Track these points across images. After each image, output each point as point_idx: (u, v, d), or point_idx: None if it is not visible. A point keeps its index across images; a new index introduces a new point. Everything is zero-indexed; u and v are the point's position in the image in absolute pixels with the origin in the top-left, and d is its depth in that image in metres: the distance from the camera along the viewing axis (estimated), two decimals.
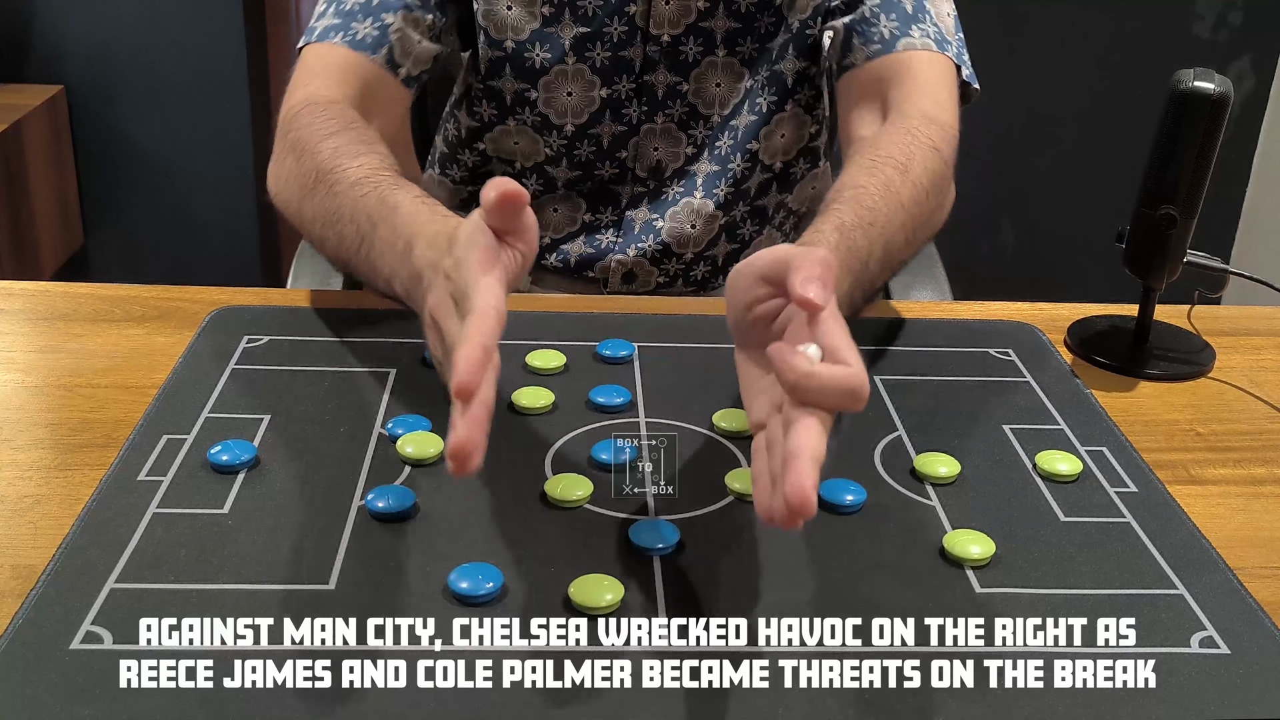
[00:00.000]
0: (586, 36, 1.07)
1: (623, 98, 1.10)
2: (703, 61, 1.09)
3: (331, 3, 1.05)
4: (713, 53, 1.09)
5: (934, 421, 0.85)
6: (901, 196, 0.88)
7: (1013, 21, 2.29)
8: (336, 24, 1.03)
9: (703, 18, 1.07)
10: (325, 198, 0.89)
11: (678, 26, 1.07)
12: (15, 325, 0.96)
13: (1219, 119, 0.89)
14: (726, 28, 1.08)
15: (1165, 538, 0.73)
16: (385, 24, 1.03)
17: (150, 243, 2.43)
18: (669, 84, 1.10)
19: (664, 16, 1.07)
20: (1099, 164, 2.39)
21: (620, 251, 1.15)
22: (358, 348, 0.92)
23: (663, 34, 1.07)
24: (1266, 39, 2.38)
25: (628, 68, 1.08)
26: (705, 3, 1.07)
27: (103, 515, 0.71)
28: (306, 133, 0.95)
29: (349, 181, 0.87)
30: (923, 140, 0.94)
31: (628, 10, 1.06)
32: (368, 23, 1.02)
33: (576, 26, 1.06)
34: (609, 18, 1.06)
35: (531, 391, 0.85)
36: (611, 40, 1.07)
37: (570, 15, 1.06)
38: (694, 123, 1.12)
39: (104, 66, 2.29)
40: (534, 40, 1.07)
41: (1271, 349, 1.01)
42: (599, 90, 1.09)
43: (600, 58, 1.07)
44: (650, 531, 0.70)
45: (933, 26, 1.05)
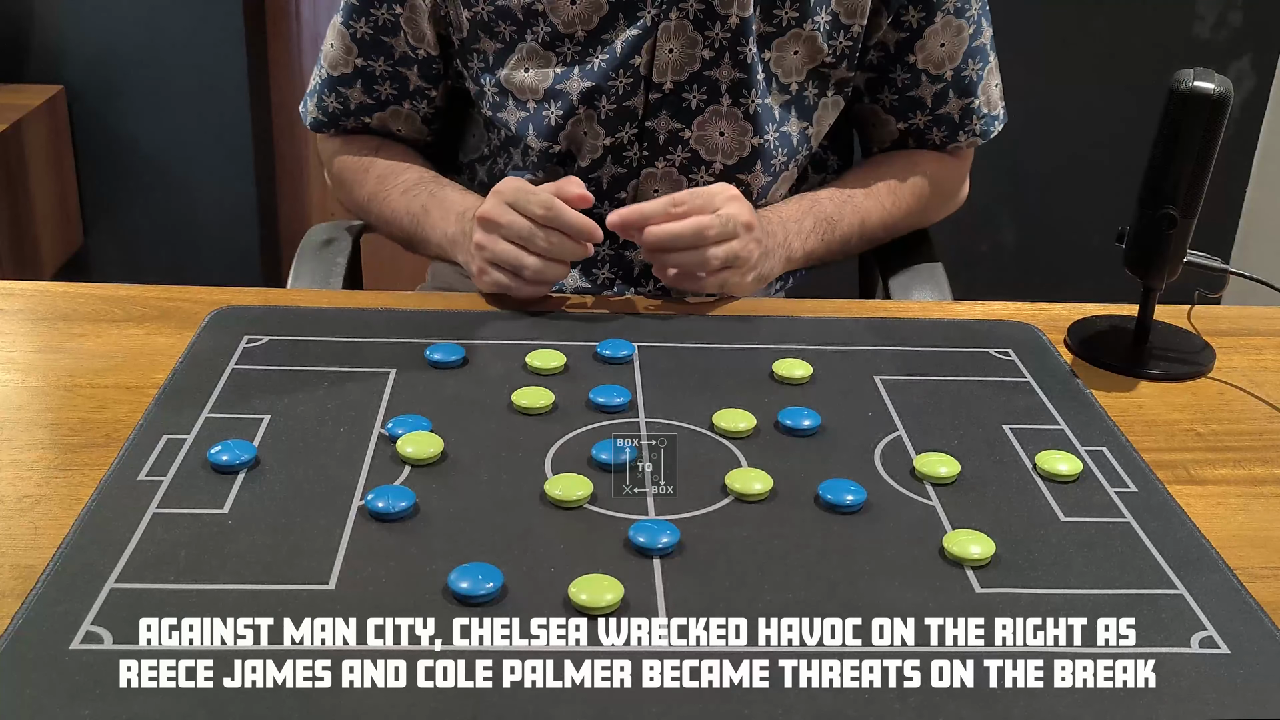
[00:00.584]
0: (594, 90, 1.08)
1: (625, 143, 1.11)
2: (706, 110, 1.10)
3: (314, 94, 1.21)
4: (717, 101, 1.10)
5: (934, 421, 0.85)
6: (881, 193, 1.17)
7: (1013, 21, 2.29)
8: (323, 120, 1.21)
9: (707, 66, 1.08)
10: (382, 206, 1.16)
11: (680, 74, 1.08)
12: (15, 325, 0.96)
13: (1219, 119, 0.89)
14: (732, 77, 1.08)
15: (1165, 538, 0.73)
16: (365, 123, 1.20)
17: (150, 243, 2.43)
18: (670, 130, 1.11)
19: (666, 64, 1.07)
20: (1099, 164, 2.38)
21: (619, 293, 1.15)
22: (358, 348, 0.92)
23: (665, 81, 1.08)
24: (1266, 39, 2.38)
25: (631, 116, 1.09)
26: (709, 51, 1.07)
27: (103, 515, 0.71)
28: (348, 167, 1.20)
29: (399, 191, 1.14)
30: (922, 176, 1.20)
31: (632, 63, 1.07)
32: (349, 120, 1.20)
33: (583, 82, 1.08)
34: (614, 71, 1.07)
35: (531, 392, 0.85)
36: (616, 93, 1.08)
37: (579, 72, 1.08)
38: (695, 169, 1.13)
39: (104, 66, 2.28)
40: (548, 99, 1.10)
41: (1271, 349, 1.01)
42: (603, 139, 1.10)
43: (605, 110, 1.09)
44: (650, 531, 0.70)
45: (980, 120, 1.19)
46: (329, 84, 1.18)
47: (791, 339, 0.96)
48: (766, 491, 0.75)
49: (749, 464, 0.79)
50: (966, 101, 1.17)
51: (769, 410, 0.84)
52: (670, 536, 0.70)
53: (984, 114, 1.19)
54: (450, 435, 0.80)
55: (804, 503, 0.75)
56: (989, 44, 1.17)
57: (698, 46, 1.07)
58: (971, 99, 1.17)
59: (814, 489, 0.75)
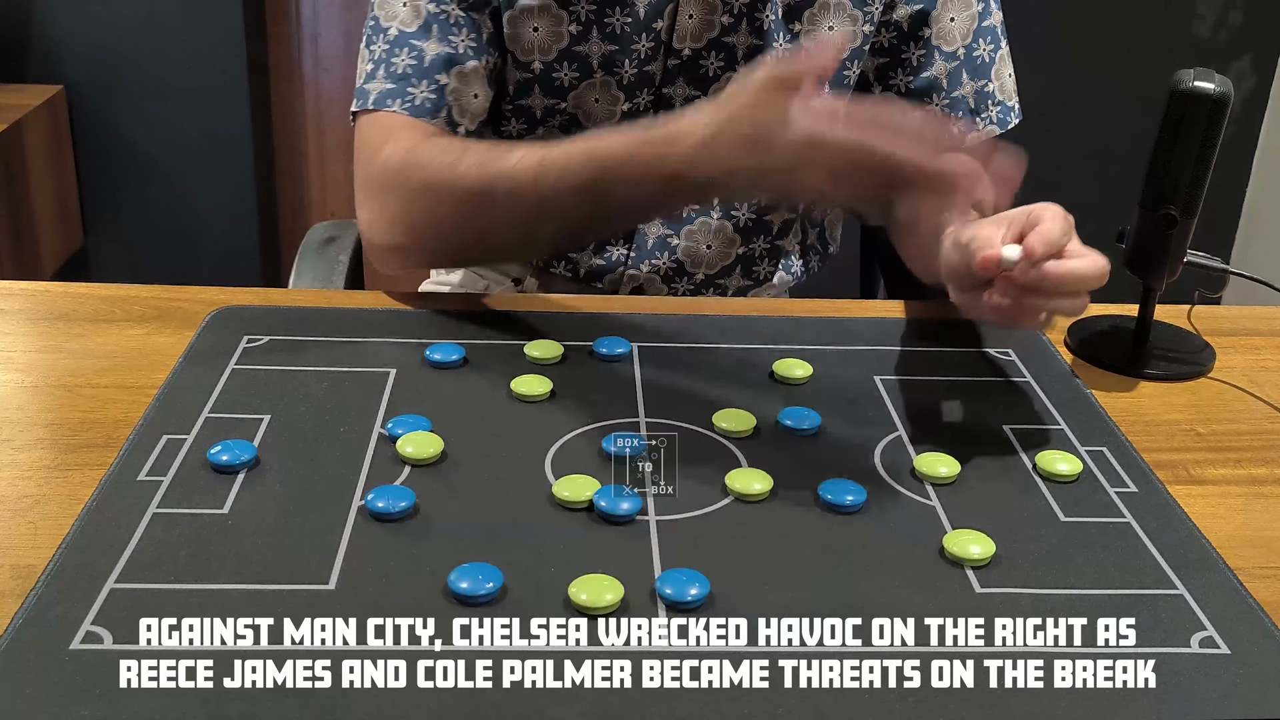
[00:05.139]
0: (615, 54, 1.06)
1: (641, 110, 1.09)
2: (723, 77, 1.08)
3: (379, 63, 1.03)
4: (733, 69, 1.08)
5: (934, 421, 0.85)
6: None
7: (1013, 21, 2.29)
8: (391, 89, 1.01)
9: (725, 33, 1.07)
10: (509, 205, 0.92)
11: (699, 40, 1.06)
12: (15, 325, 0.96)
13: (1219, 119, 0.89)
14: (748, 44, 1.07)
15: (1165, 538, 0.73)
16: (440, 85, 1.01)
17: (150, 243, 2.43)
18: (686, 97, 1.09)
19: (686, 30, 1.06)
20: (1099, 164, 2.38)
21: (633, 266, 1.14)
22: (358, 348, 0.92)
23: (684, 48, 1.06)
24: (1266, 39, 2.38)
25: (649, 81, 1.08)
26: (729, 18, 1.06)
27: (103, 515, 0.71)
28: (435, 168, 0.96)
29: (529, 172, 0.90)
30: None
31: (654, 27, 1.05)
32: (423, 85, 1.01)
33: (605, 44, 1.06)
34: (637, 35, 1.05)
35: (530, 380, 0.86)
36: (639, 57, 1.06)
37: (598, 33, 1.05)
38: None
39: (104, 66, 2.29)
40: (562, 60, 1.06)
41: (1271, 349, 1.01)
42: (621, 105, 1.08)
43: (627, 74, 1.07)
44: (679, 583, 0.66)
45: (995, 107, 1.13)
46: (398, 42, 1.02)
47: (791, 339, 0.96)
48: (766, 491, 0.75)
49: (749, 464, 0.79)
50: (981, 84, 1.14)
51: (769, 410, 0.84)
52: (700, 588, 0.66)
53: (999, 101, 1.15)
54: (450, 435, 0.80)
55: (804, 503, 0.75)
56: (1000, 28, 1.14)
57: (716, 13, 1.05)
58: (985, 81, 1.14)
59: (814, 489, 0.75)
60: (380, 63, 1.02)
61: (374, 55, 1.03)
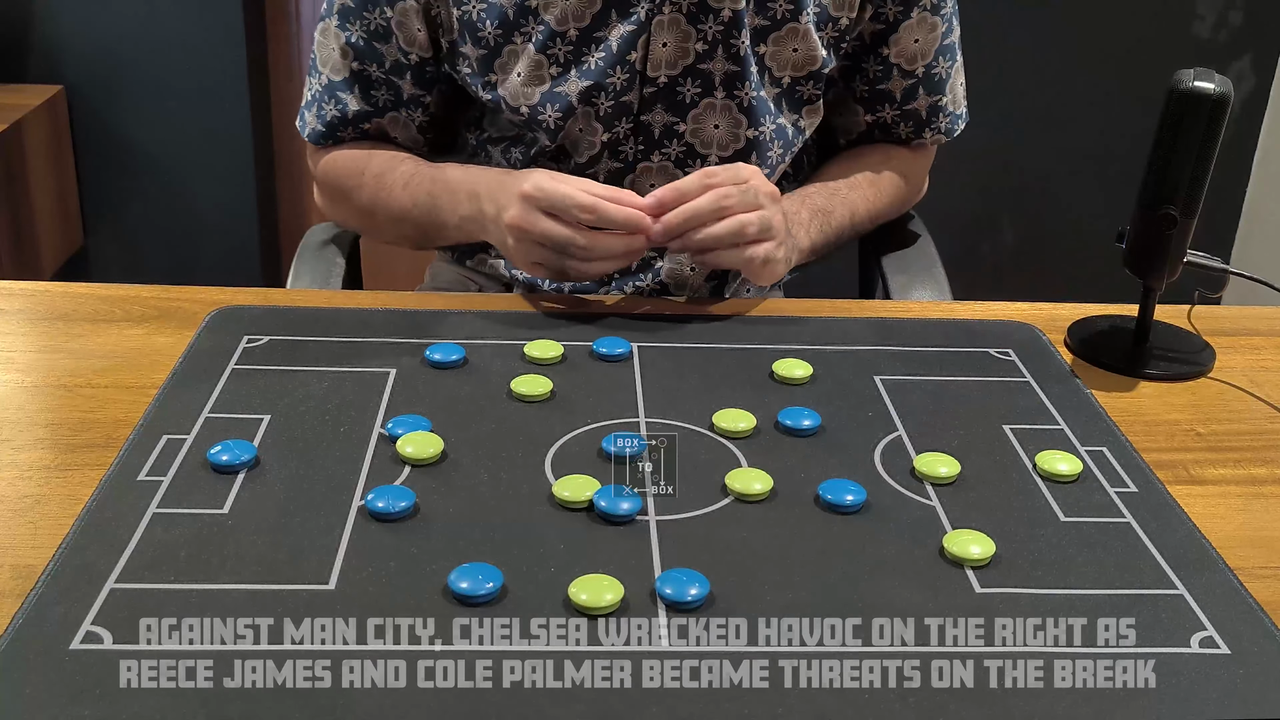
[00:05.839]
0: (591, 89, 1.08)
1: (620, 137, 1.11)
2: (700, 103, 1.10)
3: (313, 102, 1.18)
4: (711, 94, 1.10)
5: (934, 421, 0.85)
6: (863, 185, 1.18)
7: (1013, 21, 2.29)
8: (321, 131, 1.18)
9: (701, 59, 1.08)
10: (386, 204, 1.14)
11: (674, 68, 1.08)
12: (15, 325, 0.96)
13: (1219, 119, 0.89)
14: (725, 70, 1.09)
15: (1165, 538, 0.73)
16: (364, 130, 1.18)
17: (150, 243, 2.43)
18: (665, 124, 1.11)
19: (660, 58, 1.08)
20: (1099, 164, 2.38)
21: (617, 289, 1.15)
22: (358, 348, 0.92)
23: (659, 75, 1.08)
24: (1266, 39, 2.38)
25: (627, 110, 1.10)
26: (703, 44, 1.08)
27: (103, 515, 0.71)
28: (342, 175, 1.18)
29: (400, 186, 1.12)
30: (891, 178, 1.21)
31: (629, 58, 1.07)
32: (348, 130, 1.18)
33: (581, 81, 1.08)
34: (611, 68, 1.07)
35: (530, 380, 0.86)
36: (615, 89, 1.08)
37: (575, 73, 1.08)
38: (691, 162, 1.12)
39: (104, 66, 2.28)
40: (545, 102, 1.09)
41: (1271, 349, 1.01)
42: (600, 135, 1.10)
43: (604, 106, 1.09)
44: (679, 583, 0.66)
45: (946, 118, 1.21)
46: (328, 90, 1.16)
47: (791, 339, 0.96)
48: (766, 491, 0.75)
49: (749, 464, 0.79)
50: (935, 99, 1.19)
51: (769, 410, 0.84)
52: (700, 588, 0.66)
53: (950, 112, 1.21)
54: (450, 435, 0.80)
55: (804, 503, 0.75)
56: (957, 42, 1.19)
57: (691, 40, 1.07)
58: (940, 96, 1.19)
59: (814, 489, 0.75)
60: (314, 102, 1.18)
61: (311, 90, 1.19)
